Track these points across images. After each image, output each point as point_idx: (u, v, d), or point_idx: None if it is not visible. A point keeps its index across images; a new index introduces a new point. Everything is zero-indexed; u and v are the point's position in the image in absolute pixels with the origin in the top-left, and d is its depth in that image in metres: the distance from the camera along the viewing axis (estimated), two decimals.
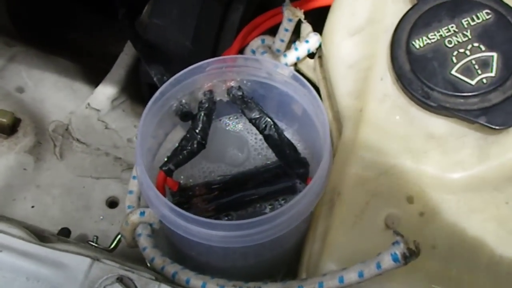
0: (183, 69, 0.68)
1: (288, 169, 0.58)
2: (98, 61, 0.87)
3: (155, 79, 0.62)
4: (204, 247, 0.53)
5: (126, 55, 0.74)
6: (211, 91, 0.59)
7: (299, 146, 0.62)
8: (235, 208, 0.60)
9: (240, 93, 0.59)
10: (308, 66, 0.62)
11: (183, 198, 0.60)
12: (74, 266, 0.45)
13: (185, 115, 0.58)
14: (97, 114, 0.71)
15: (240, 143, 0.62)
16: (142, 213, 0.53)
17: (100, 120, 0.71)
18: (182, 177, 0.61)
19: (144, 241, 0.51)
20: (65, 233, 0.59)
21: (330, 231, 0.49)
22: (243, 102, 0.58)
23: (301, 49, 0.60)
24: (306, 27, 0.62)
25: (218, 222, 0.51)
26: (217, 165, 0.62)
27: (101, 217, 0.66)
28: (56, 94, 0.72)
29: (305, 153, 0.62)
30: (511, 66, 0.49)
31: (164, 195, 0.59)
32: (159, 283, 0.45)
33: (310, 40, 0.60)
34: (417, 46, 0.50)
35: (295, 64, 0.62)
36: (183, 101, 0.58)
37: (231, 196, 0.60)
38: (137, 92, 0.74)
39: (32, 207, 0.65)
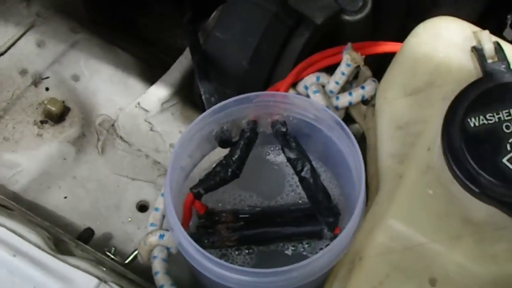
0: (234, 88, 0.68)
1: (318, 214, 0.57)
2: (161, 52, 0.87)
3: (203, 97, 0.61)
4: (218, 282, 0.52)
5: (185, 59, 0.74)
6: (255, 122, 0.58)
7: (335, 191, 0.60)
8: (258, 243, 0.59)
9: (283, 130, 0.57)
10: (360, 112, 0.60)
11: (209, 222, 0.59)
12: (81, 285, 0.45)
13: (224, 142, 0.57)
14: (145, 114, 0.71)
15: (277, 176, 0.61)
16: (162, 236, 0.53)
17: (147, 121, 0.71)
18: (211, 199, 0.60)
19: (157, 265, 0.51)
20: (88, 233, 0.60)
21: None
22: (285, 139, 0.57)
23: (355, 94, 0.58)
24: (365, 72, 0.59)
25: (232, 266, 0.50)
26: (249, 194, 0.61)
27: (129, 219, 0.66)
28: (109, 88, 0.72)
29: (340, 199, 0.60)
30: None
31: (191, 215, 0.59)
32: None
33: (366, 87, 0.58)
34: (472, 124, 0.48)
35: (347, 108, 0.60)
36: (225, 127, 0.57)
37: (256, 229, 0.59)
38: (189, 96, 0.74)
39: (65, 197, 0.66)
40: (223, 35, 0.67)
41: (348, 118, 0.62)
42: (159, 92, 0.72)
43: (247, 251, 0.58)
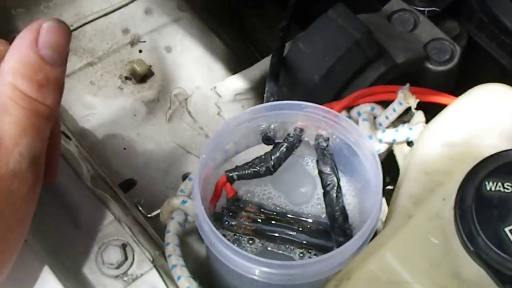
0: (299, 98, 0.72)
1: (331, 231, 0.60)
2: (256, 50, 0.92)
3: (265, 95, 0.66)
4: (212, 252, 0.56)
5: (269, 61, 0.79)
6: (302, 130, 0.62)
7: (354, 210, 0.63)
8: (271, 239, 0.63)
9: (324, 144, 0.61)
10: (402, 152, 0.62)
11: (234, 207, 0.64)
12: (97, 215, 0.52)
13: (268, 139, 0.62)
14: (217, 99, 0.76)
15: (308, 186, 0.65)
16: (184, 202, 0.58)
17: (217, 105, 0.76)
18: (243, 188, 0.65)
19: (171, 225, 0.56)
20: (129, 183, 0.66)
21: None
22: (322, 153, 0.60)
23: (401, 133, 0.60)
24: (418, 116, 0.62)
25: (227, 242, 0.54)
26: (278, 194, 0.65)
27: (172, 185, 0.72)
28: (194, 66, 0.78)
29: (356, 217, 0.63)
30: None
31: (220, 195, 0.64)
32: (150, 267, 0.50)
33: (414, 130, 0.60)
34: (489, 188, 0.49)
35: (391, 144, 0.62)
36: (273, 126, 0.61)
37: (274, 227, 0.63)
38: (262, 95, 0.79)
39: (124, 148, 0.73)
40: (304, 48, 0.72)
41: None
42: (236, 83, 0.77)
43: (260, 244, 0.62)
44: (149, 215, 0.60)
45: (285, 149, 0.62)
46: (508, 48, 0.78)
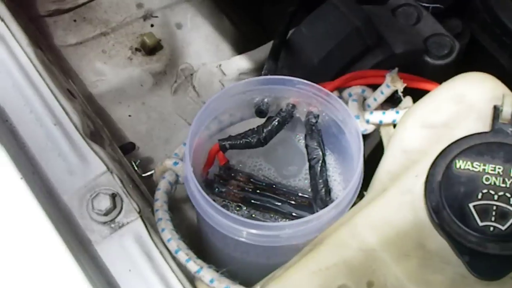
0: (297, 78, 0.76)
1: (313, 203, 0.63)
2: (265, 33, 0.95)
3: (263, 72, 0.69)
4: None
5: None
6: (294, 106, 0.65)
7: (339, 186, 0.66)
8: (257, 208, 0.66)
9: (314, 121, 0.64)
10: (388, 134, 0.64)
11: (225, 174, 0.67)
12: (93, 166, 0.55)
13: (260, 112, 0.65)
14: (222, 76, 0.80)
15: (298, 161, 0.68)
16: (176, 163, 0.61)
17: (221, 82, 0.80)
18: (236, 157, 0.68)
19: (162, 184, 0.60)
20: (130, 147, 0.70)
21: (292, 268, 0.54)
22: (311, 129, 0.64)
23: (388, 116, 0.63)
24: (407, 101, 0.64)
25: (208, 199, 0.57)
26: (268, 166, 0.68)
27: (175, 154, 0.76)
28: (202, 44, 0.82)
29: (341, 193, 0.66)
30: None
31: (213, 162, 0.67)
32: (136, 217, 0.54)
33: (400, 113, 0.63)
34: (458, 166, 0.52)
35: (378, 126, 0.65)
36: (266, 100, 0.65)
37: (261, 197, 0.66)
38: None
39: (129, 116, 0.77)
40: (306, 31, 0.74)
41: None
42: (241, 62, 0.81)
43: (246, 211, 0.66)
44: (143, 175, 0.64)
45: (277, 123, 0.65)
46: (509, 49, 0.80)
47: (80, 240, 0.53)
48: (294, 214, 0.64)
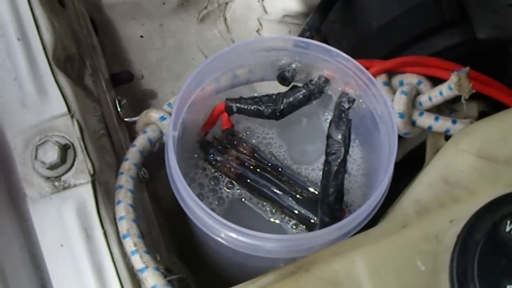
0: (347, 43, 0.61)
1: (319, 207, 0.51)
2: None
3: (303, 26, 0.55)
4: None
5: None
6: (327, 80, 0.51)
7: (358, 191, 0.53)
8: (251, 191, 0.54)
9: (346, 106, 0.50)
10: (435, 145, 0.51)
11: (226, 141, 0.55)
12: (53, 105, 0.44)
13: (283, 79, 0.52)
14: (262, 14, 0.66)
15: (319, 147, 0.55)
16: (162, 118, 0.49)
17: (259, 21, 0.66)
18: (244, 123, 0.56)
19: (139, 140, 0.48)
20: (125, 77, 0.58)
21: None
22: (340, 116, 0.50)
23: (441, 123, 0.49)
24: (471, 109, 0.50)
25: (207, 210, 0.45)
26: (280, 144, 0.56)
27: (167, 104, 0.64)
28: None
29: (357, 199, 0.53)
30: None
31: (215, 123, 0.55)
32: (87, 180, 0.42)
33: (458, 124, 0.49)
34: (508, 229, 0.38)
35: (426, 132, 0.51)
36: (294, 65, 0.51)
37: (260, 178, 0.54)
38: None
39: (141, 36, 0.64)
40: None
41: None
42: (288, 3, 0.66)
43: (237, 191, 0.54)
44: (126, 119, 0.52)
45: (301, 96, 0.52)
46: None
47: (11, 192, 0.42)
48: (294, 210, 0.52)
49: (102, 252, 0.41)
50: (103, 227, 0.42)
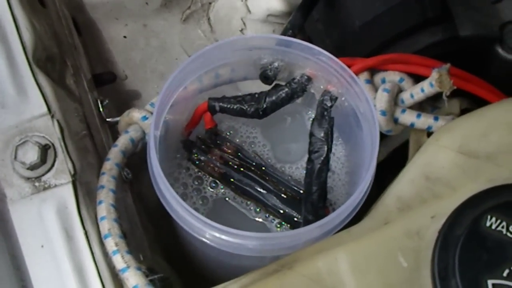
0: (330, 41, 0.61)
1: (303, 205, 0.51)
2: None
3: (285, 25, 0.55)
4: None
5: None
6: (309, 78, 0.51)
7: (342, 188, 0.53)
8: (235, 190, 0.54)
9: (328, 104, 0.50)
10: (417, 142, 0.51)
11: (210, 140, 0.55)
12: (32, 104, 0.44)
13: (266, 78, 0.52)
14: (245, 14, 0.66)
15: (303, 145, 0.55)
16: (145, 118, 0.49)
17: (243, 21, 0.66)
18: (227, 122, 0.56)
19: (121, 140, 0.48)
20: (107, 78, 0.58)
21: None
22: (322, 114, 0.50)
23: (423, 120, 0.49)
24: (453, 105, 0.50)
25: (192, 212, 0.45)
26: (263, 142, 0.56)
27: (150, 104, 0.63)
28: None
29: (341, 197, 0.53)
30: None
31: (198, 122, 0.54)
32: (67, 180, 0.42)
33: (440, 121, 0.49)
34: (489, 224, 0.38)
35: (408, 129, 0.51)
36: (276, 64, 0.51)
37: (244, 178, 0.54)
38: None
39: (124, 37, 0.64)
40: None
41: None
42: (272, 2, 0.66)
43: (221, 190, 0.54)
44: (108, 119, 0.52)
45: (284, 94, 0.52)
46: None
47: None
48: (278, 209, 0.52)
49: (83, 252, 0.41)
50: (84, 228, 0.42)
